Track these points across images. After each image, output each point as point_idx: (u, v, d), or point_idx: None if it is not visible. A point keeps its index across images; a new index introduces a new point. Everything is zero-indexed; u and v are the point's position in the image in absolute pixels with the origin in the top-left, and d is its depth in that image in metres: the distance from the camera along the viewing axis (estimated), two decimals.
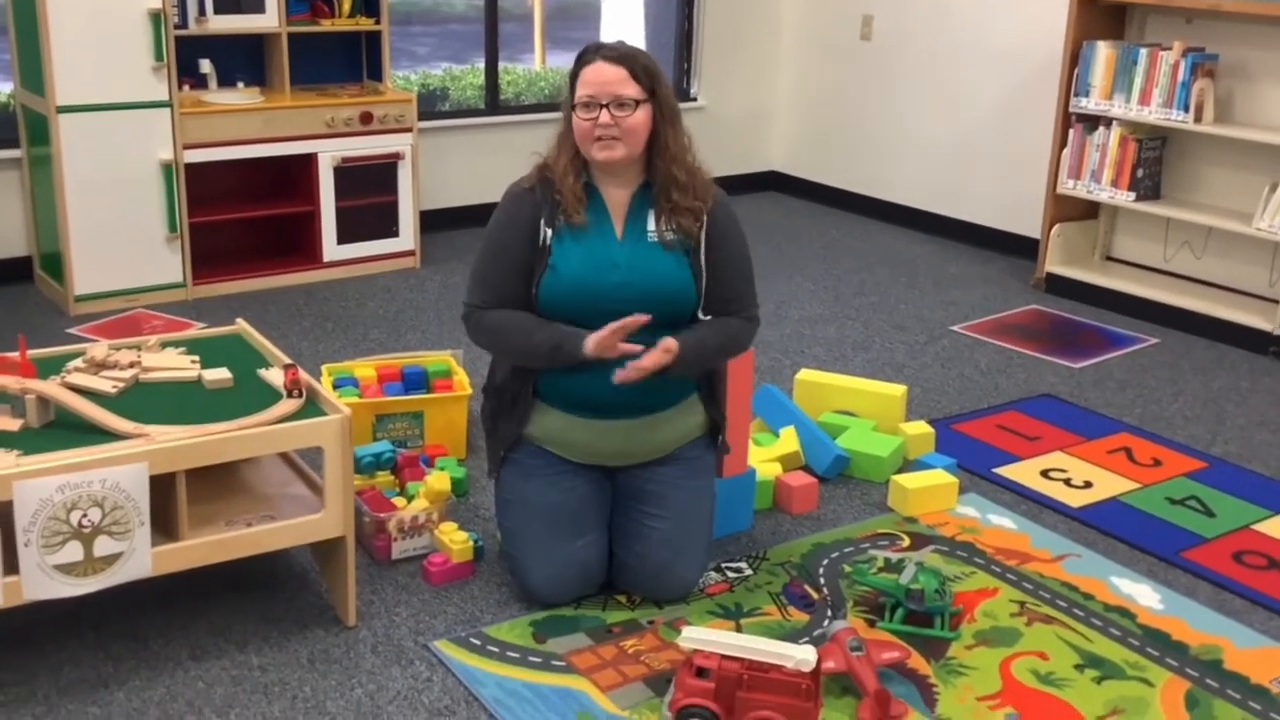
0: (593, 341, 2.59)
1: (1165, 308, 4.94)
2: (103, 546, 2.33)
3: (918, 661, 2.65)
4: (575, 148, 2.70)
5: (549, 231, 2.69)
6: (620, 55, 2.66)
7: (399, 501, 3.05)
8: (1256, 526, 3.32)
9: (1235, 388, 4.34)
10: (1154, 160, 5.05)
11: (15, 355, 2.55)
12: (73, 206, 4.56)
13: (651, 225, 2.73)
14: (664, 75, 2.73)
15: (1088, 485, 3.53)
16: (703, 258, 2.74)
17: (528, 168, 2.80)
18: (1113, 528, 3.28)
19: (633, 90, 2.64)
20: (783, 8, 6.78)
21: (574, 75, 2.70)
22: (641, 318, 2.58)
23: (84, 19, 4.42)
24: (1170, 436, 3.89)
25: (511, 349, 2.73)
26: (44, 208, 4.74)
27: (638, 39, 7.04)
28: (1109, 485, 3.53)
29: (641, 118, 2.66)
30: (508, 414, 2.80)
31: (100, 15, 4.45)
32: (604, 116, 2.63)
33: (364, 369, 3.62)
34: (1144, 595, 2.95)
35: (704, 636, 2.44)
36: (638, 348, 2.59)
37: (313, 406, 2.60)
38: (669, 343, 2.62)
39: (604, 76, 2.64)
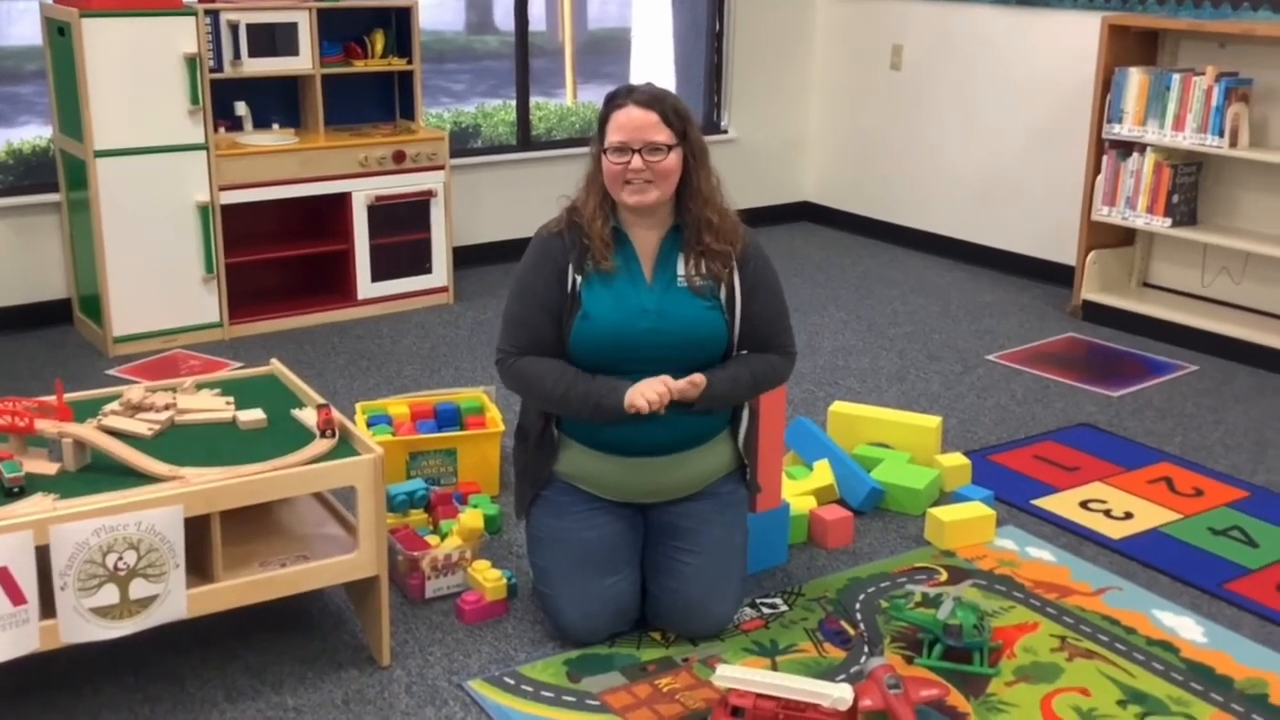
0: (629, 402, 2.60)
1: (1204, 334, 4.89)
2: (138, 589, 2.34)
3: (957, 699, 2.61)
4: (604, 191, 2.70)
5: (578, 277, 2.69)
6: (651, 99, 2.66)
7: (432, 539, 3.05)
8: None
9: (1277, 415, 4.27)
10: (1189, 186, 5.00)
11: (52, 399, 2.58)
12: (111, 249, 4.62)
13: (681, 269, 2.72)
14: (694, 117, 2.73)
15: (1128, 516, 3.48)
16: (738, 300, 2.74)
17: (559, 204, 2.80)
18: (1154, 560, 3.23)
19: (664, 135, 2.64)
20: (812, 38, 6.80)
21: (604, 118, 2.69)
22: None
23: (121, 65, 4.49)
24: (1211, 466, 3.84)
25: (545, 399, 2.72)
26: (83, 251, 4.80)
27: (667, 72, 7.07)
28: (1150, 516, 3.48)
29: (673, 161, 2.66)
30: (537, 453, 2.80)
31: (137, 60, 4.52)
32: (636, 161, 2.62)
33: (397, 406, 3.64)
34: (1187, 628, 2.90)
35: (739, 675, 2.42)
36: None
37: (345, 446, 2.61)
38: (697, 377, 2.62)
39: (636, 121, 2.63)
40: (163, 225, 4.70)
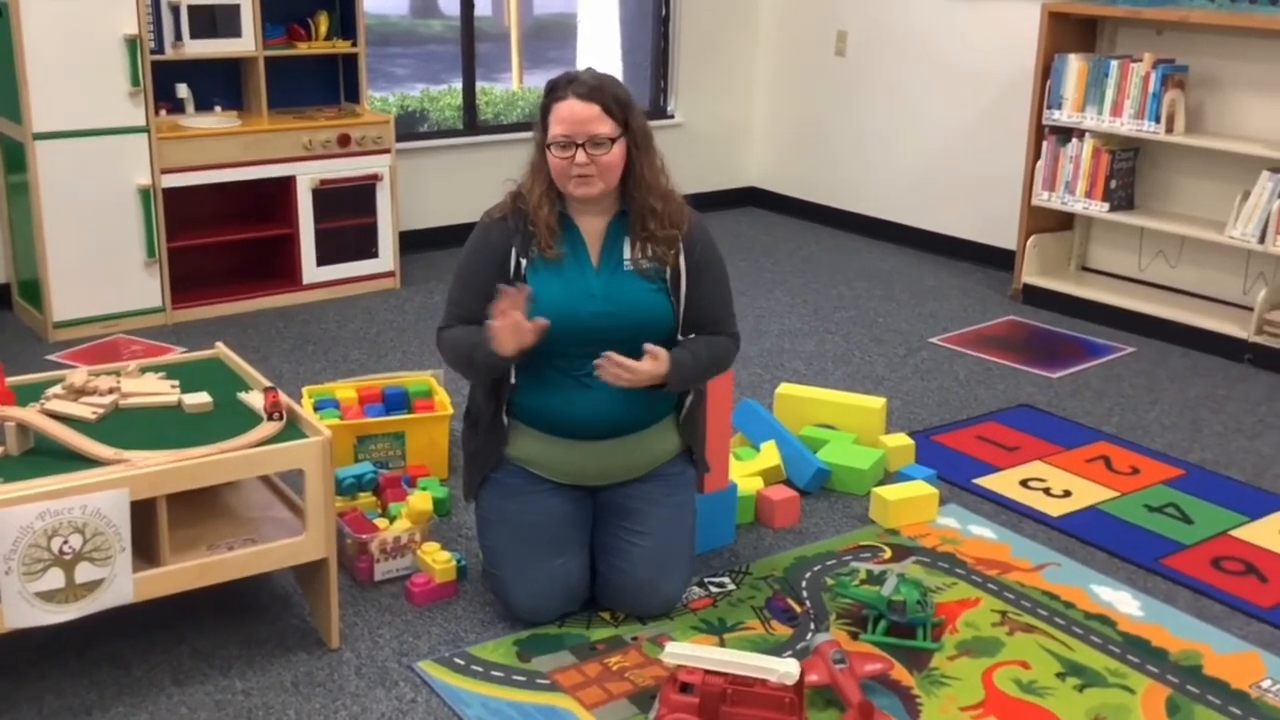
0: (496, 339, 2.54)
1: (1141, 317, 4.99)
2: (84, 573, 2.33)
3: (900, 673, 2.66)
4: (549, 178, 2.70)
5: (523, 261, 2.69)
6: (591, 90, 2.63)
7: (381, 523, 3.05)
8: (1234, 532, 3.35)
9: (1211, 395, 4.37)
10: (1127, 171, 5.10)
11: None
12: (51, 233, 4.55)
13: (627, 254, 2.73)
14: (635, 103, 2.72)
15: (1067, 494, 3.55)
16: (683, 283, 2.75)
17: (505, 188, 2.80)
18: (1092, 536, 3.30)
19: (607, 127, 2.63)
20: (758, 24, 6.83)
21: (545, 108, 2.67)
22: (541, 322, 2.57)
23: (60, 45, 4.42)
24: (1148, 445, 3.92)
25: (458, 363, 2.74)
26: (22, 235, 4.73)
27: (614, 57, 7.07)
28: (1088, 494, 3.56)
29: (617, 154, 2.66)
30: (489, 437, 2.80)
31: (77, 41, 4.45)
32: (580, 156, 2.61)
33: (345, 390, 3.63)
34: (1124, 603, 2.97)
35: (688, 652, 2.45)
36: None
37: (293, 429, 2.60)
38: (658, 351, 2.62)
39: (578, 115, 2.61)
40: (103, 209, 4.64)
